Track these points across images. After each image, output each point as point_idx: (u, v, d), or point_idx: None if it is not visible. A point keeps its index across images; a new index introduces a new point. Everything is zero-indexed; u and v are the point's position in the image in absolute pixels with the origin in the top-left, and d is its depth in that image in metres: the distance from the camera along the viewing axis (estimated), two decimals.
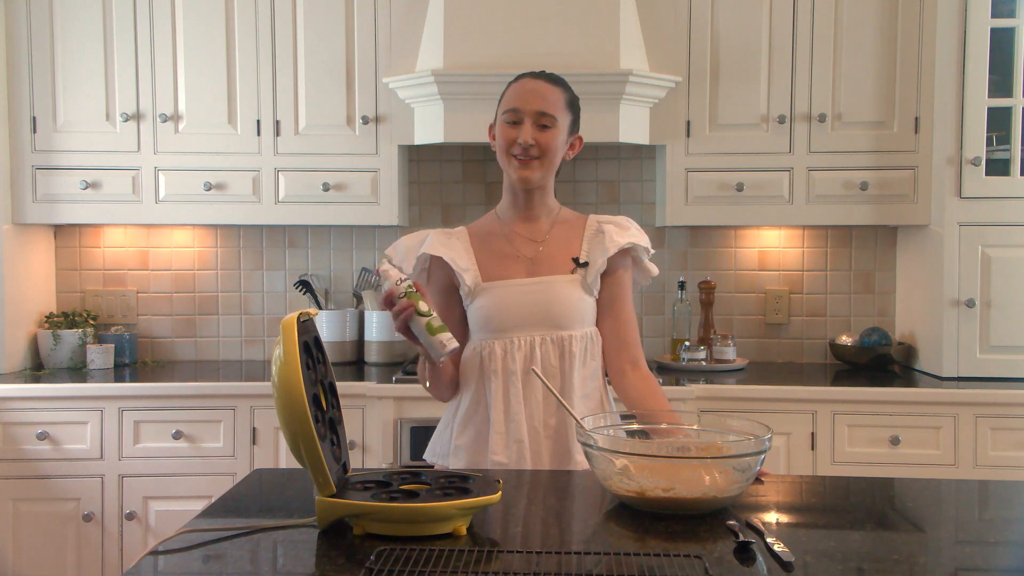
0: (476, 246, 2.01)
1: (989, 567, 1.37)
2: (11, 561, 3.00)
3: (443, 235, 2.02)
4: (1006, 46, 3.10)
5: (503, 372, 1.93)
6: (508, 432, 1.93)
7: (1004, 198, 3.10)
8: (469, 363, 1.98)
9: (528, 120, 1.93)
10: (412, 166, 3.58)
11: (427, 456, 2.08)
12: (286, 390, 1.37)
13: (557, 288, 1.95)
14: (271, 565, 1.34)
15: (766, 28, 3.22)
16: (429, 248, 1.98)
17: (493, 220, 2.06)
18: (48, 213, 3.28)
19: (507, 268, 1.98)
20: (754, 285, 3.61)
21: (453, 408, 2.02)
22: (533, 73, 2.01)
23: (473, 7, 3.08)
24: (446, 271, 1.99)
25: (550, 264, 1.98)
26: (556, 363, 1.94)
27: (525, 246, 2.00)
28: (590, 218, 2.05)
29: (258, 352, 3.63)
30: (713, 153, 3.24)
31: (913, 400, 2.96)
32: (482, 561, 1.27)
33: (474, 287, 1.97)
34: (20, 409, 3.00)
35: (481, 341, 1.97)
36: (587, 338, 1.98)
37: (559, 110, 1.95)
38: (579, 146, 2.05)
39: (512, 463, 1.92)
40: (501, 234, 2.02)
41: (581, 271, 1.98)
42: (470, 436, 1.96)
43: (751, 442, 1.52)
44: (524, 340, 1.94)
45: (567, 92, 2.00)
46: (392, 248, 2.03)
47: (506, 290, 1.96)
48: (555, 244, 2.01)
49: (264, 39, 3.23)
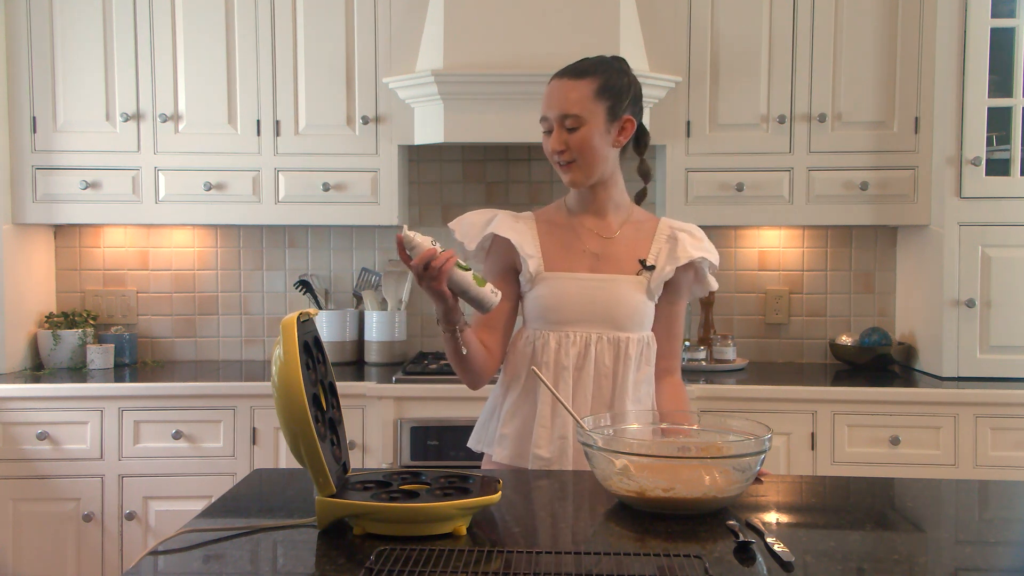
0: (542, 233, 1.97)
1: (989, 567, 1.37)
2: (11, 561, 3.00)
3: (511, 217, 1.97)
4: (1006, 46, 3.10)
5: (555, 365, 1.90)
6: (553, 427, 1.90)
7: (1004, 198, 3.10)
8: (521, 352, 1.95)
9: (556, 125, 1.89)
10: (412, 166, 3.58)
11: (471, 443, 2.05)
12: (286, 390, 1.37)
13: (621, 288, 1.92)
14: (271, 565, 1.34)
15: (766, 28, 3.22)
16: (497, 228, 1.93)
17: (561, 210, 2.01)
18: (48, 213, 3.27)
19: (571, 260, 1.94)
20: (754, 285, 3.61)
21: (501, 395, 1.98)
22: (560, 71, 1.94)
23: (473, 7, 3.08)
24: (510, 253, 1.94)
25: (615, 262, 1.94)
26: (610, 364, 1.91)
27: (592, 240, 1.96)
28: (662, 221, 2.01)
29: (258, 352, 3.63)
30: (713, 153, 3.24)
31: (913, 400, 2.96)
32: (482, 561, 1.27)
33: (536, 275, 1.93)
34: (20, 409, 3.00)
35: (535, 331, 1.93)
36: (643, 342, 1.94)
37: (585, 105, 1.87)
38: (631, 128, 1.93)
39: (554, 459, 1.89)
40: (568, 226, 1.98)
41: (647, 274, 1.93)
42: (516, 427, 1.93)
43: (751, 442, 1.52)
44: (580, 336, 1.90)
45: (598, 78, 1.89)
46: (456, 221, 1.99)
47: (568, 282, 1.92)
48: (623, 243, 1.96)
49: (264, 39, 3.23)
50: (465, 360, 1.88)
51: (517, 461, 1.92)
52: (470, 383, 1.96)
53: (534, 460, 1.90)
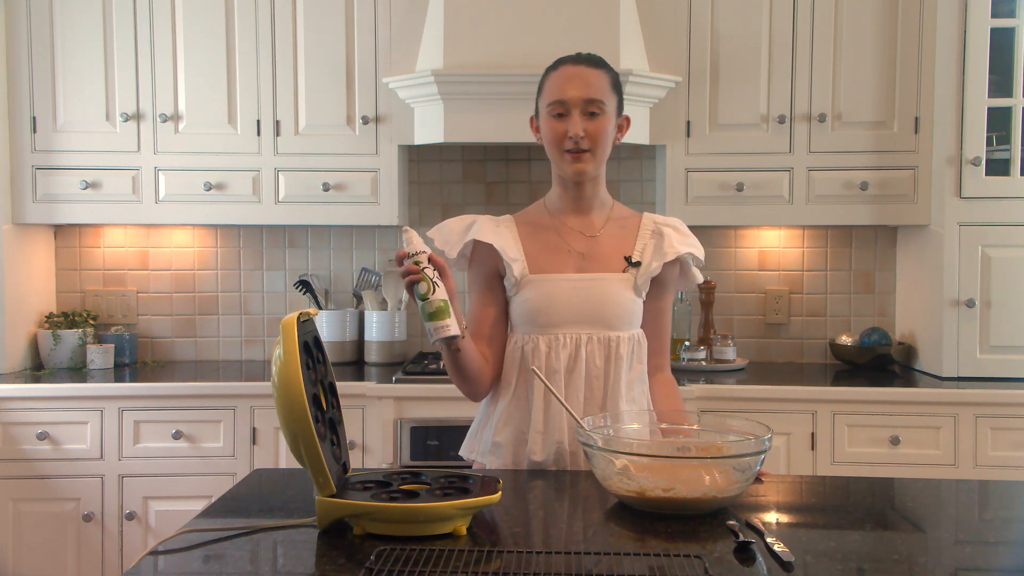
0: (524, 236, 1.93)
1: (989, 567, 1.37)
2: (11, 561, 3.00)
3: (491, 221, 1.94)
4: (1006, 46, 3.10)
5: (546, 369, 1.86)
6: (548, 432, 1.87)
7: (1004, 198, 3.10)
8: (510, 357, 1.91)
9: (575, 110, 1.83)
10: (412, 166, 3.58)
11: (463, 453, 2.01)
12: (286, 390, 1.37)
13: (609, 286, 1.89)
14: (271, 565, 1.34)
15: (766, 28, 3.22)
16: (478, 234, 1.89)
17: (541, 211, 1.98)
18: (48, 213, 3.27)
19: (556, 262, 1.90)
20: (754, 285, 3.61)
21: (493, 403, 1.95)
22: (572, 57, 1.89)
23: (473, 7, 3.08)
24: (492, 259, 1.91)
25: (601, 261, 1.91)
26: (601, 364, 1.88)
27: (576, 240, 1.92)
28: (645, 216, 1.98)
29: (258, 352, 3.63)
30: (713, 153, 3.24)
31: (913, 400, 2.96)
32: (482, 561, 1.27)
33: (521, 278, 1.89)
34: (20, 409, 3.00)
35: (524, 336, 1.90)
36: (634, 340, 1.92)
37: (606, 94, 1.85)
38: (627, 127, 1.95)
39: (550, 464, 1.87)
40: (551, 226, 1.94)
41: (633, 271, 1.91)
42: (510, 434, 1.90)
43: (751, 442, 1.52)
44: (570, 338, 1.87)
45: (610, 72, 1.89)
46: (436, 229, 1.95)
47: (555, 284, 1.88)
48: (608, 241, 1.93)
49: (264, 39, 3.23)
50: (462, 370, 1.84)
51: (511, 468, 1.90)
52: (470, 394, 1.92)
53: (529, 466, 1.88)
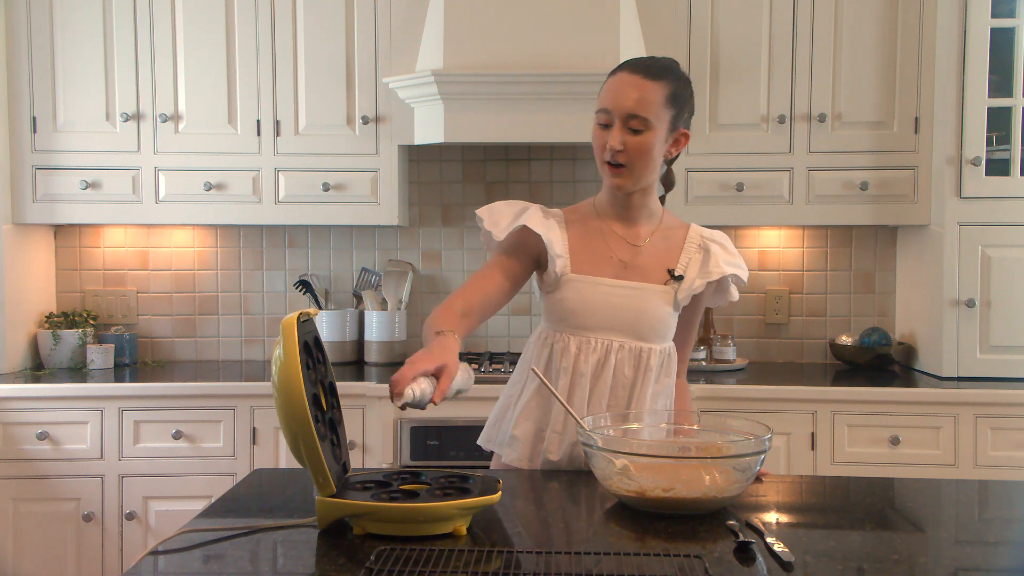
0: (571, 233, 1.89)
1: (989, 567, 1.37)
2: (11, 561, 3.00)
3: (542, 212, 1.90)
4: (1006, 46, 3.10)
5: (573, 371, 1.84)
6: (565, 432, 1.85)
7: (1004, 198, 3.10)
8: (538, 351, 1.89)
9: (618, 122, 1.78)
10: (412, 166, 3.58)
11: (481, 441, 2.00)
12: (286, 390, 1.37)
13: (648, 298, 1.85)
14: (271, 565, 1.34)
15: (766, 28, 3.22)
16: (529, 221, 1.85)
17: (590, 212, 1.93)
18: (48, 213, 3.27)
19: (598, 265, 1.87)
20: (754, 285, 3.60)
21: (515, 395, 1.93)
22: (632, 63, 1.82)
23: (473, 7, 3.08)
24: (536, 246, 1.87)
25: (642, 271, 1.87)
26: (630, 374, 1.85)
27: (620, 248, 1.89)
28: (692, 228, 1.95)
29: (258, 352, 3.63)
30: (713, 153, 3.24)
31: (913, 400, 2.96)
32: (482, 561, 1.27)
33: (562, 276, 1.85)
34: (20, 409, 3.00)
35: (555, 333, 1.88)
36: (664, 353, 1.89)
37: (654, 109, 1.77)
38: (685, 142, 1.87)
39: (565, 464, 1.86)
40: (597, 229, 1.90)
41: (674, 284, 1.87)
42: (528, 429, 1.88)
43: (751, 442, 1.52)
44: (601, 343, 1.84)
45: (671, 84, 1.80)
46: (486, 209, 1.91)
47: (594, 288, 1.85)
48: (652, 252, 1.89)
49: (264, 39, 3.23)
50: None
51: (527, 465, 1.89)
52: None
53: (544, 464, 1.88)
